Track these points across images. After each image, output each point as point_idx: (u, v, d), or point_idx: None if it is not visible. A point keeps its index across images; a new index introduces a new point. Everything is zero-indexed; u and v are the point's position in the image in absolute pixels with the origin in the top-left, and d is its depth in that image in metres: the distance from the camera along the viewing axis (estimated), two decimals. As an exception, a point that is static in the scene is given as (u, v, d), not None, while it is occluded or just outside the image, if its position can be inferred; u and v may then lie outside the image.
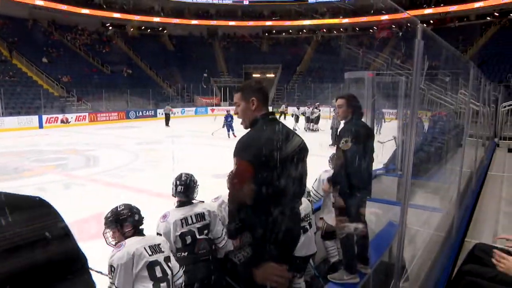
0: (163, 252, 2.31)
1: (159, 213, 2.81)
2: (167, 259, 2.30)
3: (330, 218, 3.39)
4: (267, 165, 1.66)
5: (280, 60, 39.91)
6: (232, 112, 15.07)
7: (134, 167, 10.57)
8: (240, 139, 1.77)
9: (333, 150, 3.80)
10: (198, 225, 2.79)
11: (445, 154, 5.70)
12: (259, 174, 1.66)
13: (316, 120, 19.65)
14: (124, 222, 2.34)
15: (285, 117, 23.32)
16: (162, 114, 29.34)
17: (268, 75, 39.94)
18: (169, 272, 2.25)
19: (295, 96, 35.25)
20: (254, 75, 39.30)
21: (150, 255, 2.23)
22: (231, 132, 16.29)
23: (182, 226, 2.74)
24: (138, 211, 2.43)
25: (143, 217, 2.46)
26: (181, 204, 2.86)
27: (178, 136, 17.79)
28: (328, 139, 13.50)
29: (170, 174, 3.11)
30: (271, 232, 1.68)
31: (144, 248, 2.24)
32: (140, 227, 2.42)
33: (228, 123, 16.55)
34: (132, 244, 2.26)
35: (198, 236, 2.77)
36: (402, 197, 1.79)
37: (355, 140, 2.80)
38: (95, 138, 17.26)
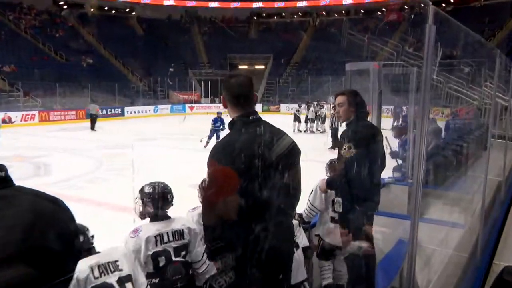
0: (120, 270, 2.22)
1: (124, 231, 2.77)
2: (124, 279, 2.21)
3: (326, 234, 3.40)
4: (246, 173, 1.67)
5: (271, 48, 40.07)
6: (224, 115, 13.51)
7: (95, 176, 10.48)
8: (214, 145, 1.83)
9: (333, 153, 3.79)
10: (174, 244, 2.74)
11: (465, 159, 5.74)
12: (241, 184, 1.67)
13: (323, 120, 20.09)
14: None
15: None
16: (130, 113, 29.22)
17: (257, 67, 40.02)
18: None
19: (288, 91, 35.36)
20: (240, 67, 39.32)
21: (96, 278, 2.14)
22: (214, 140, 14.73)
23: (156, 244, 2.69)
24: (82, 231, 2.39)
25: (89, 236, 2.46)
26: (156, 218, 2.82)
27: (149, 138, 17.72)
28: (325, 141, 13.49)
29: (137, 184, 3.08)
30: (257, 252, 1.68)
31: (92, 269, 2.15)
32: (91, 247, 2.41)
33: (215, 128, 14.84)
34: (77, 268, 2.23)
35: (173, 258, 2.73)
36: (412, 210, 1.80)
37: (360, 145, 2.80)
38: (47, 141, 17.07)
